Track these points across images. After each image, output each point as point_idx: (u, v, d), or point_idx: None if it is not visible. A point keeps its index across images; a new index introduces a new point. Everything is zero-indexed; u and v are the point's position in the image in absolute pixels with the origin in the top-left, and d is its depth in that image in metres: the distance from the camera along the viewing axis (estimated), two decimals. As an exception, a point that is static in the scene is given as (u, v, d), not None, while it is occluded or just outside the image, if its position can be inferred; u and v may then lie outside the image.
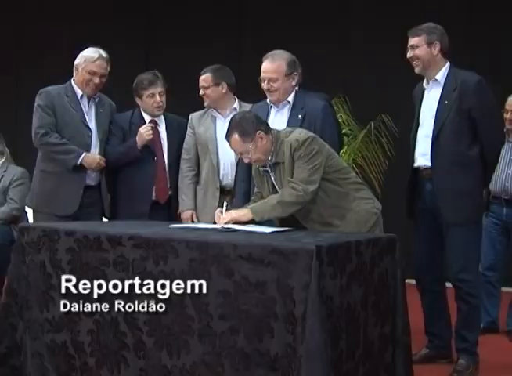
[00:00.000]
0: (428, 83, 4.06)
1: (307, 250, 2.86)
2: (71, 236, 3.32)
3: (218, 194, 4.38)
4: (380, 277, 3.23)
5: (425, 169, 4.03)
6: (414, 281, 4.23)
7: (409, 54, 4.04)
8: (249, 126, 3.60)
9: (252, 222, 3.55)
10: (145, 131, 4.39)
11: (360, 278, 3.09)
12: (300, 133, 3.63)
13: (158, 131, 4.51)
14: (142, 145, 4.40)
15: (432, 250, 4.11)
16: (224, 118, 4.44)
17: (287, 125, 3.96)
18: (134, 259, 3.16)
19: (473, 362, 4.00)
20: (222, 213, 3.60)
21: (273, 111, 4.12)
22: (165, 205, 4.49)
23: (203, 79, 4.46)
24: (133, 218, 4.14)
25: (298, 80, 4.10)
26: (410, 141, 4.14)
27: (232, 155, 4.31)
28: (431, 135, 3.97)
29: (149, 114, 4.52)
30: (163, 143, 4.51)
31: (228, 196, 4.31)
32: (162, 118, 4.55)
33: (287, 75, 4.04)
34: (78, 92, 4.40)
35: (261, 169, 3.73)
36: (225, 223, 3.49)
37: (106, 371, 3.22)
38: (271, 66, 4.04)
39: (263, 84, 4.07)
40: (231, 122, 3.68)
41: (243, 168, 4.13)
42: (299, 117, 4.01)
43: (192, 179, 4.48)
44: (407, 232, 4.11)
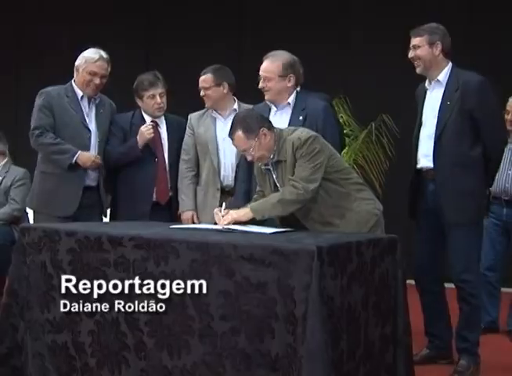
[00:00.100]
0: (430, 83, 4.06)
1: (308, 250, 2.86)
2: (72, 236, 3.31)
3: (219, 195, 4.37)
4: (381, 278, 3.23)
5: (428, 170, 4.03)
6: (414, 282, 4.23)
7: (411, 54, 4.04)
8: (253, 122, 3.59)
9: (253, 221, 3.54)
10: (146, 129, 4.39)
11: (361, 278, 3.09)
12: (302, 132, 3.63)
13: (159, 131, 4.50)
14: (143, 144, 4.39)
15: (433, 250, 4.11)
16: (224, 119, 4.43)
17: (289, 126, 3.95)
18: (135, 260, 3.15)
19: (474, 362, 4.00)
20: (221, 212, 3.59)
21: (274, 112, 4.11)
22: (166, 206, 4.49)
23: (203, 80, 4.44)
24: (134, 218, 4.14)
25: (299, 81, 4.09)
26: (412, 141, 4.13)
27: (232, 156, 4.32)
28: (434, 135, 3.97)
29: (149, 115, 4.51)
30: (163, 144, 4.50)
31: (228, 197, 4.30)
32: (163, 119, 4.55)
33: (281, 76, 4.03)
34: (79, 93, 4.40)
35: (263, 167, 3.72)
36: (226, 224, 3.49)
37: (107, 372, 3.21)
38: (267, 65, 4.05)
39: (260, 82, 4.08)
40: (235, 119, 3.67)
41: (244, 169, 4.13)
42: (300, 119, 4.00)
43: (191, 180, 4.47)
44: (408, 232, 4.10)
